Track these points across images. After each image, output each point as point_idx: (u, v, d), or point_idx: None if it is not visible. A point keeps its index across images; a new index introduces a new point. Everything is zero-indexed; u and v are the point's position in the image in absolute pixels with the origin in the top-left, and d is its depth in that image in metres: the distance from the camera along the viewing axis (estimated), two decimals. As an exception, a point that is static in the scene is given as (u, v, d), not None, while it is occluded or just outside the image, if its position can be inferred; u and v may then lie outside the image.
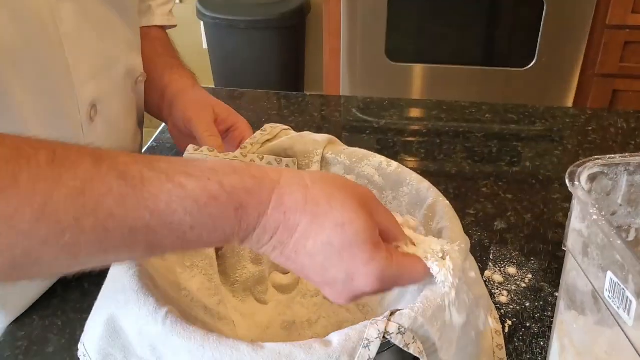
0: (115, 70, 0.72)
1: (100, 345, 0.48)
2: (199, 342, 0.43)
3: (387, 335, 0.43)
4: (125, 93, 0.75)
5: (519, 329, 0.64)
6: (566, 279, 0.48)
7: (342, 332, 0.44)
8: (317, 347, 0.42)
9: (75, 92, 0.64)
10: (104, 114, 0.69)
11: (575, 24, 1.91)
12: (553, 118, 1.06)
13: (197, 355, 0.43)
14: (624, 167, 0.47)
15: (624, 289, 0.38)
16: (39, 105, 0.60)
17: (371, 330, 0.43)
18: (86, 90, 0.66)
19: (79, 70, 0.64)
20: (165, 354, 0.45)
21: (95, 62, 0.67)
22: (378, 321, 0.44)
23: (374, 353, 0.43)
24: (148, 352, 0.46)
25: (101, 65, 0.68)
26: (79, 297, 0.68)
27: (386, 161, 0.65)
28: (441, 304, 0.47)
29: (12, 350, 0.62)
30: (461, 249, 0.53)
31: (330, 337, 0.44)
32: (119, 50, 0.72)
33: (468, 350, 0.57)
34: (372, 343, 0.43)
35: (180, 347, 0.43)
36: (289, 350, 0.42)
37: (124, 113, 0.76)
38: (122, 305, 0.47)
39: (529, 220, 0.81)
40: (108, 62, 0.70)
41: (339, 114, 1.12)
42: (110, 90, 0.71)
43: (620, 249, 0.38)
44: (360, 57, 2.05)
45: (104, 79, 0.69)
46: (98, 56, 0.68)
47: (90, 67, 0.66)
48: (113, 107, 0.72)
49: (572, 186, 0.44)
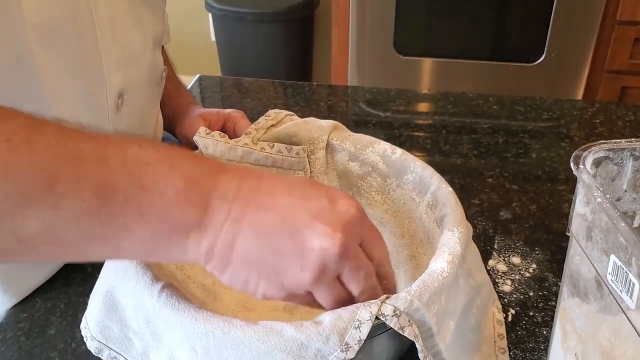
0: (142, 63, 0.73)
1: (98, 318, 0.48)
2: (192, 315, 0.43)
3: (382, 317, 0.43)
4: (150, 86, 0.76)
5: (522, 318, 0.64)
6: (569, 265, 0.48)
7: (334, 312, 0.43)
8: (307, 325, 0.43)
9: (104, 80, 0.64)
10: (130, 104, 0.70)
11: (585, 19, 1.90)
12: (560, 110, 1.05)
13: (190, 328, 0.43)
14: (630, 152, 0.46)
15: (627, 272, 0.38)
16: (70, 88, 0.60)
17: (363, 311, 0.43)
18: (115, 79, 0.66)
19: (109, 58, 0.64)
20: (159, 327, 0.45)
21: (124, 52, 0.68)
22: (371, 304, 0.44)
23: (365, 334, 0.43)
24: (143, 325, 0.46)
25: (130, 56, 0.69)
26: (81, 281, 0.68)
27: (391, 148, 0.65)
28: (438, 289, 0.46)
29: (14, 331, 0.62)
30: (462, 235, 0.52)
31: (322, 316, 0.44)
32: (147, 44, 0.73)
33: (468, 337, 0.57)
34: (364, 325, 0.43)
35: (174, 320, 0.43)
36: (280, 327, 0.43)
37: (148, 106, 0.78)
38: (120, 280, 0.47)
39: (534, 211, 0.80)
40: (136, 54, 0.71)
41: (345, 104, 1.11)
42: (137, 82, 0.72)
43: (624, 232, 0.38)
44: (368, 50, 2.04)
45: (131, 70, 0.70)
46: (127, 47, 0.68)
47: (120, 57, 0.67)
48: (139, 98, 0.73)
49: (577, 170, 0.44)
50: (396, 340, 0.48)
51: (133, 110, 0.72)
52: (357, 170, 0.66)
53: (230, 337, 0.43)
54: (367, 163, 0.65)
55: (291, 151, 0.65)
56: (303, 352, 0.42)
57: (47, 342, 0.61)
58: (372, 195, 0.65)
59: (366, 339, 0.43)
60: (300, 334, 0.43)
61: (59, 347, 0.60)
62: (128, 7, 0.68)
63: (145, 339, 0.48)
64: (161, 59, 0.80)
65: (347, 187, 0.67)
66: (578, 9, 1.89)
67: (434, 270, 0.48)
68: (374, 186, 0.65)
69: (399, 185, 0.63)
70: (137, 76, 0.72)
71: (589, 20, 1.90)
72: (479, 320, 0.59)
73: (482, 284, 0.59)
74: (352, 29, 2.01)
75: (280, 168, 0.66)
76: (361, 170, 0.65)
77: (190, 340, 0.44)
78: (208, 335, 0.43)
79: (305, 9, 2.44)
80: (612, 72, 1.97)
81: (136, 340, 0.48)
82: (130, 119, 0.71)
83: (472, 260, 0.57)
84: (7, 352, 0.60)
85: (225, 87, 1.18)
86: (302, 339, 0.42)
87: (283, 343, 0.42)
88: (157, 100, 0.81)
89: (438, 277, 0.47)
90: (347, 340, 0.43)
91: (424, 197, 0.60)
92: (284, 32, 2.44)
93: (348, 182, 0.67)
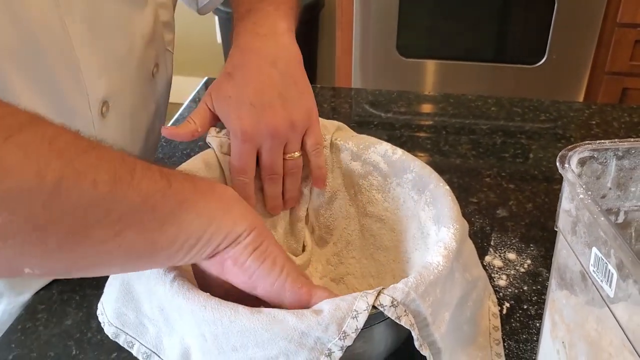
0: (128, 65, 0.71)
1: (115, 306, 0.52)
2: (202, 303, 0.46)
3: (380, 307, 0.46)
4: (139, 86, 0.75)
5: (516, 311, 0.67)
6: (557, 258, 0.51)
7: (332, 302, 0.47)
8: (308, 314, 0.46)
9: (85, 90, 0.63)
10: (117, 109, 0.69)
11: (585, 21, 1.93)
12: (557, 112, 1.08)
13: (199, 315, 0.46)
14: (613, 152, 0.49)
15: (606, 263, 0.41)
16: (49, 104, 0.60)
17: (360, 302, 0.46)
18: (97, 87, 0.65)
19: (89, 68, 0.63)
20: (171, 315, 0.48)
21: (106, 58, 0.66)
22: (368, 294, 0.47)
23: (362, 324, 0.46)
24: (157, 312, 0.49)
25: (113, 61, 0.68)
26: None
27: (391, 148, 0.68)
28: (433, 281, 0.49)
29: (32, 322, 0.65)
30: (457, 231, 0.56)
31: (321, 305, 0.47)
32: (133, 44, 0.71)
33: (464, 329, 0.60)
34: (361, 314, 0.46)
35: (185, 307, 0.47)
36: (282, 315, 0.46)
37: (139, 107, 0.76)
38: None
39: (530, 209, 0.83)
40: (120, 58, 0.69)
41: (349, 105, 1.14)
42: (122, 86, 0.70)
43: (603, 226, 0.41)
44: (372, 52, 2.07)
45: (116, 75, 0.68)
46: (109, 53, 0.67)
47: (101, 64, 0.65)
48: (126, 102, 0.72)
49: (562, 168, 0.47)
50: (394, 330, 0.51)
51: (122, 113, 0.70)
52: (358, 170, 0.69)
53: (236, 324, 0.46)
54: (368, 163, 0.68)
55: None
56: (304, 340, 0.46)
57: (64, 332, 0.64)
58: (372, 193, 0.68)
59: (365, 327, 0.47)
60: (301, 323, 0.46)
61: (75, 337, 0.63)
62: (108, 11, 0.66)
63: (159, 326, 0.51)
64: (153, 54, 0.77)
65: (349, 185, 0.70)
66: (579, 12, 1.92)
67: (430, 263, 0.51)
68: (374, 185, 0.68)
69: (399, 184, 0.66)
70: (123, 79, 0.70)
71: (590, 22, 1.93)
72: (474, 313, 0.62)
73: (478, 278, 0.62)
74: (355, 32, 2.04)
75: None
76: (362, 170, 0.68)
77: (200, 327, 0.47)
78: (216, 323, 0.46)
79: (309, 11, 2.47)
80: (613, 73, 2.00)
81: (150, 326, 0.52)
82: (119, 122, 0.70)
83: (468, 256, 0.60)
84: (27, 340, 0.63)
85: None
86: (303, 327, 0.45)
87: (285, 331, 0.46)
88: (149, 97, 0.78)
89: (433, 270, 0.50)
90: (345, 329, 0.46)
91: (422, 195, 0.63)
92: (288, 35, 2.47)
93: (350, 181, 0.70)
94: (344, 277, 0.70)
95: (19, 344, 0.63)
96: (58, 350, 0.62)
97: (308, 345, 0.46)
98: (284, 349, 0.46)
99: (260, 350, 0.46)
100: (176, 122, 1.06)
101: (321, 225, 0.71)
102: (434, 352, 0.51)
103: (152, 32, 0.75)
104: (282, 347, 0.46)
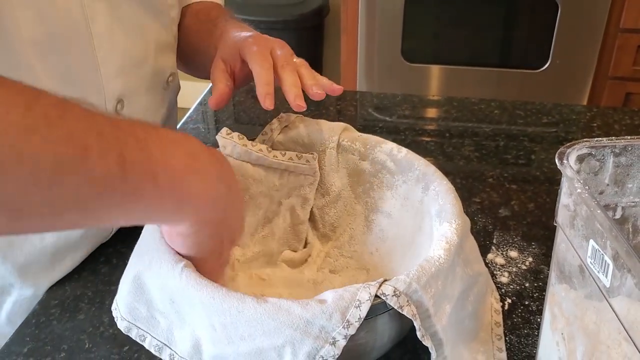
0: (143, 69, 0.75)
1: (127, 301, 0.54)
2: (210, 293, 0.48)
3: (383, 297, 0.48)
4: (153, 91, 0.78)
5: (517, 307, 0.68)
6: (557, 253, 0.53)
7: (336, 292, 0.48)
8: (313, 304, 0.48)
9: (102, 87, 0.68)
10: (130, 108, 0.73)
11: (589, 26, 1.94)
12: (559, 115, 1.10)
13: (208, 305, 0.48)
14: (610, 149, 0.51)
15: (603, 254, 0.42)
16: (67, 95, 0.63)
17: (363, 292, 0.48)
18: (113, 86, 0.69)
19: (107, 67, 0.68)
20: (182, 306, 0.50)
21: (123, 60, 0.71)
22: (371, 285, 0.49)
23: (364, 313, 0.47)
24: (168, 305, 0.51)
25: (129, 63, 0.72)
26: (107, 271, 0.73)
27: (397, 148, 0.70)
28: (435, 273, 0.51)
29: (46, 316, 0.67)
30: (459, 227, 0.57)
31: (326, 295, 0.49)
32: (148, 50, 0.75)
33: (465, 323, 0.61)
34: (363, 304, 0.48)
35: (195, 298, 0.49)
36: (288, 305, 0.47)
37: (151, 110, 0.79)
38: (147, 265, 0.52)
39: (532, 209, 0.85)
40: (136, 61, 0.73)
41: (354, 108, 1.16)
42: (137, 88, 0.74)
43: (600, 218, 0.42)
44: (377, 57, 2.09)
45: (131, 76, 0.73)
46: (127, 55, 0.71)
47: (119, 65, 0.70)
48: (140, 103, 0.75)
49: (561, 165, 0.48)
50: (396, 321, 0.53)
51: (135, 113, 0.74)
52: (369, 169, 0.71)
53: (244, 314, 0.48)
54: (377, 162, 0.70)
55: (301, 158, 0.70)
56: (309, 328, 0.47)
57: (77, 326, 0.66)
58: (383, 191, 0.71)
59: (369, 317, 0.48)
60: (306, 312, 0.47)
61: (88, 331, 0.65)
62: (128, 16, 0.71)
63: (170, 318, 0.53)
64: (169, 64, 0.81)
65: (359, 184, 0.72)
66: (582, 17, 1.93)
67: (432, 256, 0.53)
68: (384, 182, 0.70)
69: (405, 181, 0.68)
70: (138, 82, 0.74)
71: (593, 27, 1.94)
72: (476, 308, 0.64)
73: (479, 274, 0.64)
74: (360, 37, 2.06)
75: (292, 172, 0.71)
76: (373, 169, 0.71)
77: (210, 318, 0.49)
78: (225, 313, 0.48)
79: (315, 17, 2.49)
80: (616, 78, 2.01)
81: (161, 319, 0.53)
82: None
83: (469, 251, 0.62)
84: (41, 334, 0.65)
85: (238, 93, 1.23)
86: (308, 316, 0.47)
87: (291, 320, 0.47)
88: (163, 104, 0.82)
89: (435, 263, 0.52)
90: (349, 318, 0.47)
91: (427, 192, 0.65)
92: (294, 40, 2.48)
93: (360, 180, 0.72)
94: (343, 270, 0.72)
95: (33, 338, 0.64)
96: (71, 344, 0.64)
97: (313, 334, 0.47)
98: (290, 337, 0.47)
99: (267, 339, 0.48)
100: (183, 124, 1.08)
101: (326, 223, 0.73)
102: (435, 343, 0.52)
103: (167, 43, 0.80)
104: (288, 336, 0.47)
